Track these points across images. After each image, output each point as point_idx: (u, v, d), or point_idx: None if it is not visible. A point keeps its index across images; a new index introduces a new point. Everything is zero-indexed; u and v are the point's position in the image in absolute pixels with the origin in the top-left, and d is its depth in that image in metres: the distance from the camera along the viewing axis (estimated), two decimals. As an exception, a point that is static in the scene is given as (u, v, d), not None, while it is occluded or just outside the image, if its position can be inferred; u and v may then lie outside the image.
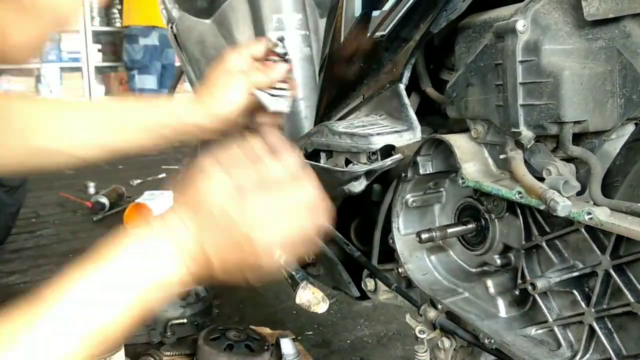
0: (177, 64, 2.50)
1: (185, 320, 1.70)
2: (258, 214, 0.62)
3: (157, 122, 1.05)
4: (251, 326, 1.63)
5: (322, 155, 0.99)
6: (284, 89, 1.00)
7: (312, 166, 0.98)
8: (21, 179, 2.48)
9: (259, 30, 1.53)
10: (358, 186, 0.92)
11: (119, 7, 6.08)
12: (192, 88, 1.53)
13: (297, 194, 0.65)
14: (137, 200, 3.02)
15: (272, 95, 0.99)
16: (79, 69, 6.84)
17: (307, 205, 0.65)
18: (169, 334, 1.66)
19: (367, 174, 0.91)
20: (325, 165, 0.98)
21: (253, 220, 0.61)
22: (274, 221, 0.62)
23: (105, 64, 7.01)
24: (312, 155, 1.03)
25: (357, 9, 0.97)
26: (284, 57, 1.02)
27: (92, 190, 3.55)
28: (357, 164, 0.91)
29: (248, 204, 0.61)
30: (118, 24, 6.55)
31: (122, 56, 5.98)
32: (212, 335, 1.46)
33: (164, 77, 5.78)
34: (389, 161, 0.89)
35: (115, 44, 6.85)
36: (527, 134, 0.77)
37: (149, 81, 5.77)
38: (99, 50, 6.95)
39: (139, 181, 3.83)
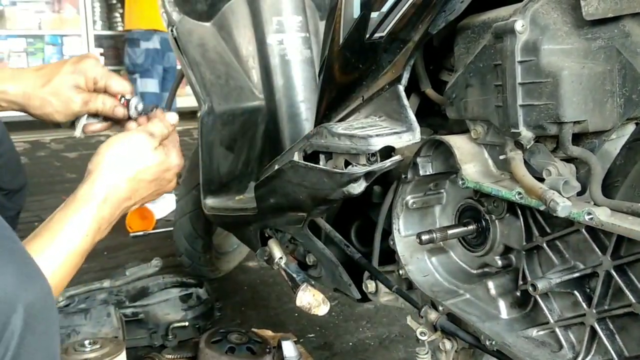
0: (179, 67, 2.50)
1: (186, 323, 1.70)
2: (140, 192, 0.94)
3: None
4: (253, 329, 1.63)
5: (321, 157, 0.99)
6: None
7: (310, 168, 0.97)
8: (21, 183, 2.47)
9: (259, 33, 1.53)
10: (357, 188, 0.91)
11: (121, 11, 6.11)
12: (192, 91, 1.53)
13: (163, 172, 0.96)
14: (139, 204, 3.02)
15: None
16: (81, 73, 6.84)
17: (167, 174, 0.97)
18: (170, 336, 1.66)
19: (366, 175, 0.90)
20: (324, 167, 0.98)
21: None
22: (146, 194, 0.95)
23: (107, 67, 7.02)
24: (311, 157, 1.03)
25: (356, 11, 0.97)
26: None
27: (94, 193, 3.55)
28: (356, 166, 0.91)
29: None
30: (120, 28, 6.57)
31: (123, 60, 6.00)
32: (214, 338, 1.46)
33: (165, 80, 5.78)
34: (387, 163, 0.89)
35: (117, 47, 6.87)
36: (526, 134, 0.77)
37: (150, 84, 5.77)
38: (101, 54, 6.97)
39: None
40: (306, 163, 1.00)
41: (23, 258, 0.65)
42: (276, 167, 1.15)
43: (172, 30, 1.52)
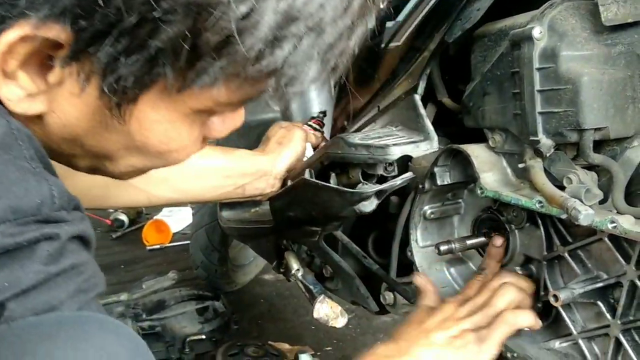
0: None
1: (203, 336, 1.70)
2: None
3: (237, 170, 1.13)
4: (269, 342, 1.62)
5: (332, 175, 0.99)
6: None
7: (321, 186, 0.97)
8: None
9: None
10: (369, 206, 0.91)
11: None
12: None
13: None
14: (155, 217, 3.04)
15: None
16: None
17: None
18: (187, 350, 1.65)
19: (377, 194, 0.89)
20: (334, 186, 0.97)
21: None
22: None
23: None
24: (328, 169, 1.02)
25: (371, 20, 0.97)
26: (321, 126, 1.25)
27: (111, 207, 3.58)
28: (366, 184, 0.91)
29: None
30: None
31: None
32: (231, 351, 1.46)
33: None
34: (399, 181, 0.88)
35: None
36: (546, 142, 0.76)
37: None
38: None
39: (157, 198, 3.84)
40: (317, 181, 1.00)
41: None
42: (289, 182, 1.15)
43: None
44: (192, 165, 1.11)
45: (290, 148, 1.16)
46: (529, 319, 0.82)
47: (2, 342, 0.42)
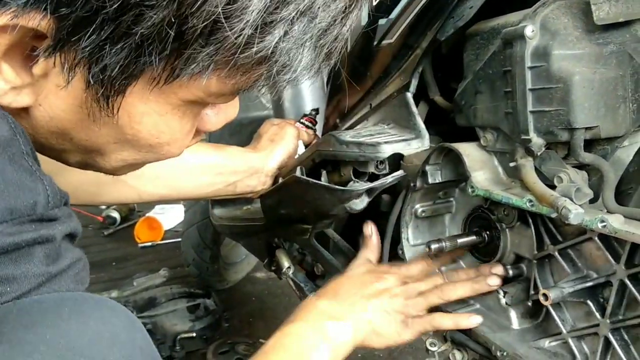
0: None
1: (194, 334, 1.70)
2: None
3: (228, 167, 1.13)
4: (261, 340, 1.61)
5: (323, 173, 0.98)
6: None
7: (312, 184, 0.97)
8: None
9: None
10: (359, 204, 0.90)
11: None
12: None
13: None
14: (148, 214, 3.03)
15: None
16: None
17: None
18: (178, 347, 1.65)
19: (368, 192, 0.89)
20: (325, 184, 0.97)
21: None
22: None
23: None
24: (319, 166, 1.02)
25: (364, 18, 0.96)
26: (313, 124, 1.26)
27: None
28: (357, 182, 0.90)
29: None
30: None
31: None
32: (221, 349, 1.46)
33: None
34: (389, 179, 0.88)
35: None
36: (537, 141, 0.76)
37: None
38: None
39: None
40: (307, 179, 0.99)
41: None
42: (280, 180, 1.15)
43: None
44: (183, 162, 1.10)
45: (282, 145, 1.16)
46: (452, 324, 0.88)
47: (7, 315, 0.44)
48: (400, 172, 0.89)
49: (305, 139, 1.21)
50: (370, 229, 1.00)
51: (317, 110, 1.31)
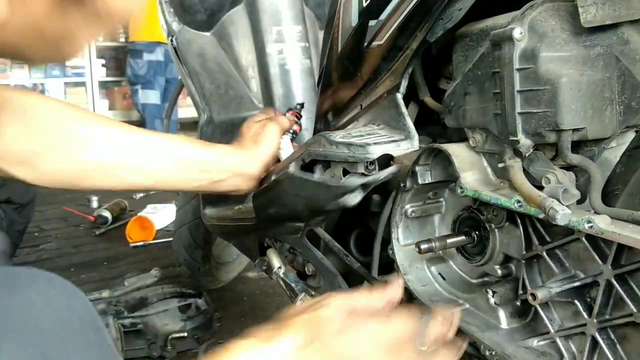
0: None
1: (185, 334, 1.69)
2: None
3: (214, 166, 1.14)
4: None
5: (317, 168, 0.99)
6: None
7: (306, 180, 0.97)
8: (30, 196, 2.48)
9: (258, 43, 1.53)
10: (353, 199, 0.91)
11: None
12: (192, 101, 1.53)
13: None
14: (139, 214, 3.02)
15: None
16: (82, 84, 6.88)
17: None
18: (169, 347, 1.65)
19: (362, 187, 0.90)
20: (320, 179, 0.97)
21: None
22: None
23: (109, 78, 7.06)
24: (309, 166, 1.02)
25: (354, 19, 0.97)
26: (298, 117, 1.31)
27: (95, 204, 3.55)
28: (352, 177, 0.91)
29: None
30: (122, 39, 6.60)
31: (125, 71, 6.03)
32: (213, 348, 1.45)
33: (167, 91, 5.81)
34: (384, 173, 0.88)
35: (119, 58, 6.90)
36: (525, 142, 0.76)
37: (152, 96, 5.81)
38: (103, 65, 6.99)
39: (141, 195, 3.83)
40: (301, 174, 0.99)
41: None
42: (273, 177, 1.15)
43: (171, 40, 1.52)
44: (170, 155, 1.11)
45: (264, 146, 1.18)
46: None
47: None
48: (393, 168, 0.89)
49: (287, 126, 1.25)
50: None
51: (302, 105, 1.35)
